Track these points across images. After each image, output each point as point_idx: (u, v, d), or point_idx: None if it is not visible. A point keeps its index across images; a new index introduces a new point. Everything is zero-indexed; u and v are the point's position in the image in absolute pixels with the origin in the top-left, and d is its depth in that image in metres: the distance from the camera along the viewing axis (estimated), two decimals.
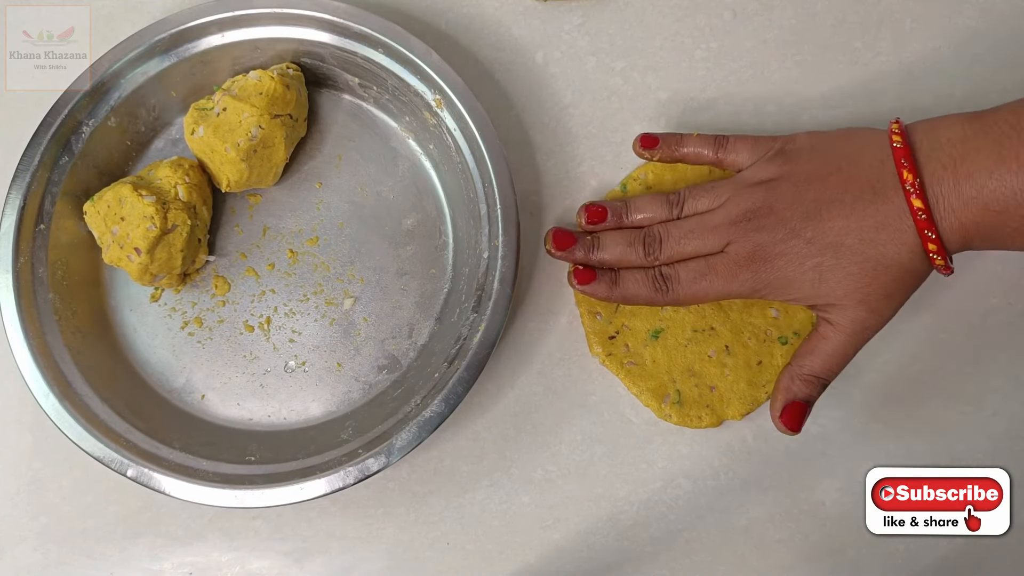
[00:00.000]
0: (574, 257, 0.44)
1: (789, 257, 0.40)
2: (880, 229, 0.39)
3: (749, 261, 0.41)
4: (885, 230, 0.39)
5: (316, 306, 0.47)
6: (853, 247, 0.39)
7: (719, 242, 0.42)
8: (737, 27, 0.50)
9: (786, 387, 0.42)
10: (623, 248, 0.43)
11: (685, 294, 0.42)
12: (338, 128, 0.49)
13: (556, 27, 0.50)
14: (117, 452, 0.41)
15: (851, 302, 0.40)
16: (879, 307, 0.40)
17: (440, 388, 0.42)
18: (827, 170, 0.41)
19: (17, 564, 0.45)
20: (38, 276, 0.44)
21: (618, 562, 0.46)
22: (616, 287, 0.43)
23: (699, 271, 0.42)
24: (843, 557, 0.46)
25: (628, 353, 0.46)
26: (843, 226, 0.39)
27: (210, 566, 0.45)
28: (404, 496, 0.46)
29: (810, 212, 0.40)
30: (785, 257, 0.40)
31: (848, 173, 0.40)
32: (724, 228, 0.41)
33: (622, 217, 0.45)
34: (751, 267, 0.41)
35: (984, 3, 0.50)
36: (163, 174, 0.44)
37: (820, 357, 0.41)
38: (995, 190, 0.37)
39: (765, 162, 0.42)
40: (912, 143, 0.40)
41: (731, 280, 0.41)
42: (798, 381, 0.41)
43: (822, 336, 0.41)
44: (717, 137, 0.44)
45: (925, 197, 0.38)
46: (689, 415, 0.46)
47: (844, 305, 0.40)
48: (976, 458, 0.47)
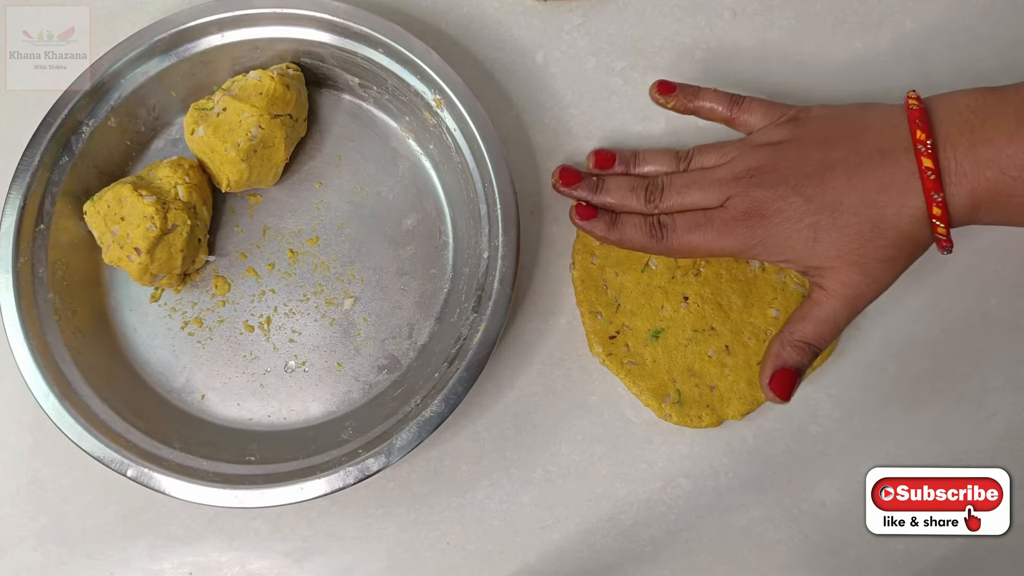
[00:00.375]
0: (578, 194, 0.45)
1: (786, 214, 0.40)
2: (883, 191, 0.38)
3: (746, 216, 0.41)
4: (888, 192, 0.38)
5: (316, 306, 0.47)
6: (852, 207, 0.39)
7: (719, 196, 0.42)
8: (737, 27, 0.50)
9: (776, 353, 0.41)
10: (625, 192, 0.44)
11: (679, 243, 0.42)
12: (338, 128, 0.49)
13: (556, 27, 0.50)
14: (117, 452, 0.41)
15: (844, 264, 0.39)
16: (874, 272, 0.39)
17: (440, 388, 0.42)
18: (837, 134, 0.40)
19: (17, 564, 0.45)
20: (38, 276, 0.44)
21: (618, 562, 0.46)
22: (614, 228, 0.44)
23: (695, 221, 0.42)
24: (843, 557, 0.46)
25: (628, 353, 0.46)
26: (844, 185, 0.39)
27: (210, 566, 0.45)
28: (404, 496, 0.46)
29: (813, 171, 0.40)
30: (782, 214, 0.40)
31: (858, 137, 0.40)
32: (726, 183, 0.42)
33: (629, 165, 0.46)
34: (747, 222, 0.41)
35: (984, 3, 0.50)
36: (163, 174, 0.44)
37: (812, 323, 0.40)
38: (1014, 154, 0.36)
39: (776, 126, 0.43)
40: (928, 107, 0.39)
41: (726, 234, 0.41)
42: (788, 347, 0.41)
43: (815, 302, 0.40)
44: (733, 95, 0.44)
45: (936, 158, 0.38)
46: (689, 415, 0.46)
47: (837, 268, 0.39)
48: (976, 458, 0.47)
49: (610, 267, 0.47)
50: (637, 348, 0.46)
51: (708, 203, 0.42)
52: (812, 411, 0.47)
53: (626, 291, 0.47)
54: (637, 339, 0.46)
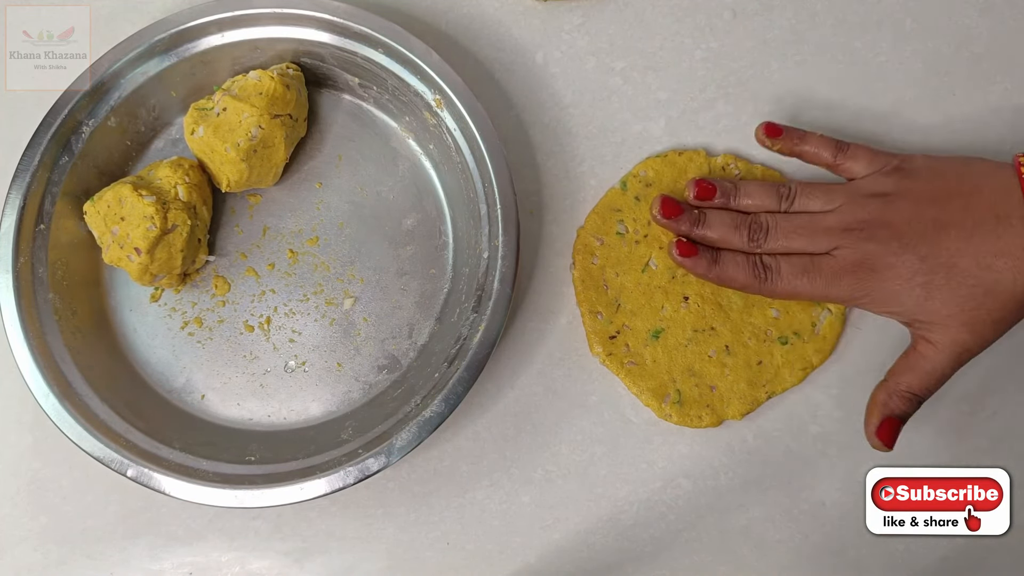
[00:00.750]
0: (678, 228, 0.45)
1: (898, 271, 0.40)
2: (999, 256, 0.39)
3: (855, 268, 0.41)
4: (1004, 257, 0.39)
5: (316, 306, 0.47)
6: (967, 270, 0.39)
7: (827, 245, 0.42)
8: (737, 27, 0.50)
9: (883, 403, 0.42)
10: (728, 229, 0.44)
11: (783, 288, 0.43)
12: (338, 128, 0.49)
13: (556, 27, 0.50)
14: (117, 452, 0.41)
15: (955, 323, 0.40)
16: (983, 332, 0.40)
17: (440, 388, 0.42)
18: (947, 193, 0.41)
19: (17, 564, 0.45)
20: (38, 276, 0.44)
21: (618, 562, 0.46)
22: (715, 266, 0.43)
23: (803, 267, 0.42)
24: (843, 557, 0.46)
25: (628, 353, 0.46)
26: (960, 248, 0.40)
27: (210, 566, 0.45)
28: (404, 496, 0.46)
29: (927, 230, 0.40)
30: (894, 270, 0.40)
31: (970, 199, 0.41)
32: (836, 232, 0.42)
33: (729, 198, 0.45)
34: (856, 274, 0.41)
35: (984, 3, 0.50)
36: (163, 174, 0.44)
37: (919, 375, 0.41)
38: None
39: (882, 175, 0.43)
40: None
41: (832, 283, 0.42)
42: (895, 398, 0.41)
43: (921, 354, 0.41)
44: (839, 142, 0.44)
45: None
46: (689, 415, 0.46)
47: (947, 325, 0.40)
48: (976, 458, 0.47)
49: (610, 267, 0.47)
50: (637, 348, 0.46)
51: (814, 250, 0.42)
52: (812, 411, 0.47)
53: (626, 291, 0.47)
54: (637, 339, 0.46)
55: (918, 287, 0.40)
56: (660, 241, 0.47)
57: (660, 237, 0.47)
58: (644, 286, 0.47)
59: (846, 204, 0.43)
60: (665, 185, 0.48)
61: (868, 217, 0.41)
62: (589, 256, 0.47)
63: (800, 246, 0.43)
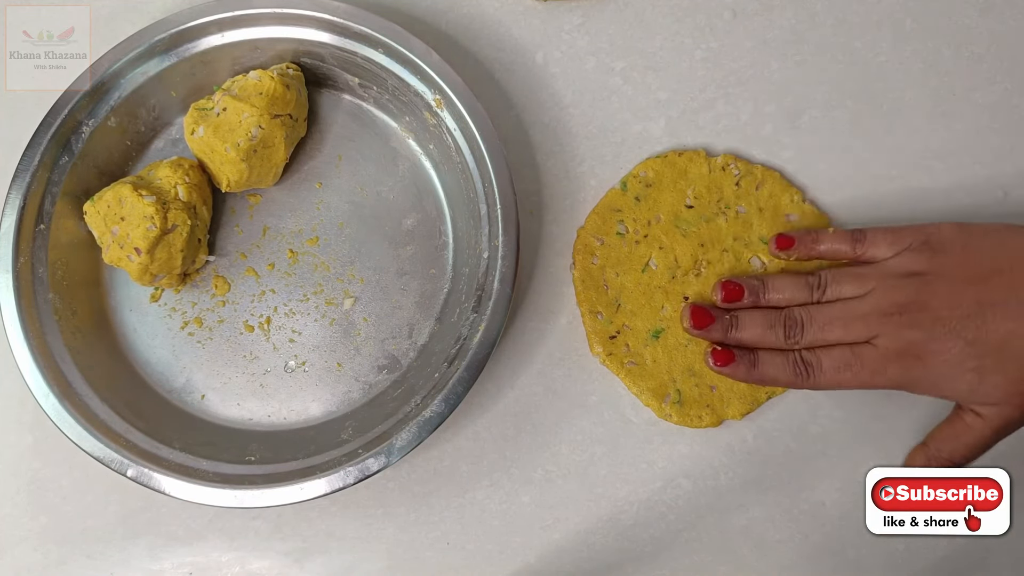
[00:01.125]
0: (712, 336, 0.44)
1: (945, 357, 0.40)
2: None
3: (899, 356, 0.40)
4: None
5: (316, 306, 0.47)
6: (1019, 352, 0.39)
7: (865, 333, 0.41)
8: (737, 27, 0.50)
9: (922, 467, 0.42)
10: (763, 330, 0.43)
11: (827, 382, 0.42)
12: (338, 128, 0.49)
13: (556, 27, 0.50)
14: (117, 452, 0.41)
15: (1009, 404, 0.40)
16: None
17: (440, 388, 0.42)
18: (986, 270, 0.40)
19: (17, 564, 0.45)
20: (38, 276, 0.44)
21: (618, 562, 0.46)
22: (755, 369, 0.43)
23: (844, 360, 0.41)
24: (843, 557, 0.46)
25: (628, 353, 0.46)
26: (1011, 329, 0.39)
27: (210, 566, 0.45)
28: (404, 496, 0.46)
29: (972, 313, 0.39)
30: (940, 356, 0.40)
31: (1012, 275, 0.40)
32: (873, 319, 0.41)
33: (759, 296, 0.44)
34: (901, 362, 0.40)
35: (984, 3, 0.50)
36: (163, 174, 0.44)
37: (962, 446, 0.41)
38: None
39: (912, 253, 0.42)
40: None
41: (877, 373, 0.41)
42: (934, 463, 0.42)
43: (968, 426, 0.41)
44: (854, 232, 0.44)
45: None
46: (689, 415, 0.46)
47: (1000, 404, 0.40)
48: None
49: (610, 267, 0.47)
50: (637, 348, 0.46)
51: (852, 339, 0.41)
52: (812, 411, 0.47)
53: (626, 291, 0.47)
54: (637, 339, 0.46)
55: (969, 372, 0.39)
56: (660, 241, 0.47)
57: (660, 237, 0.47)
58: (644, 286, 0.47)
59: (878, 287, 0.41)
60: (665, 187, 0.48)
61: (905, 300, 0.40)
62: (589, 256, 0.47)
63: (838, 337, 0.42)
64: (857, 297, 0.42)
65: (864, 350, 0.41)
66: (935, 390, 0.41)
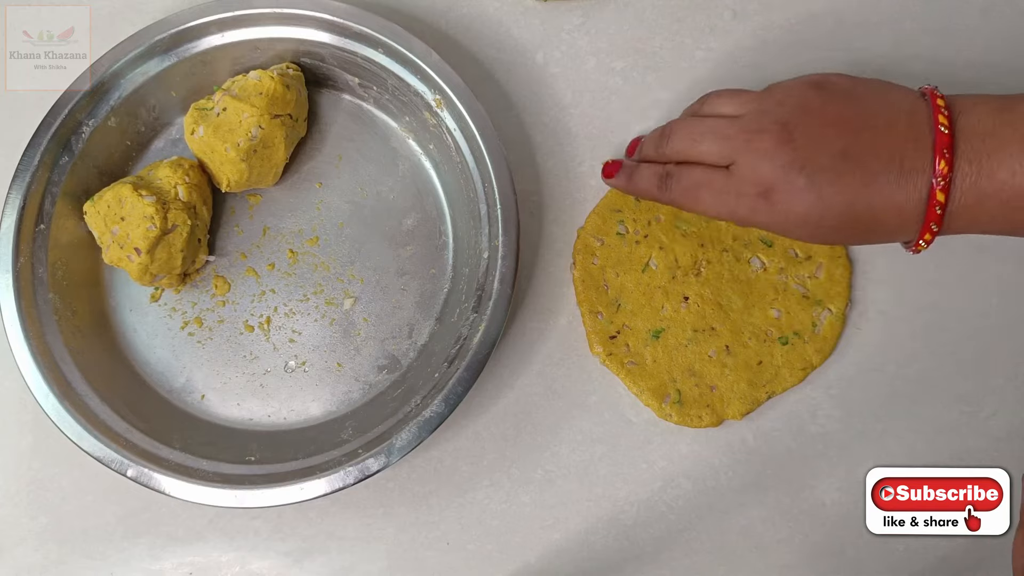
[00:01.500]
0: (618, 183, 0.46)
1: (792, 196, 0.38)
2: (890, 211, 0.37)
3: (750, 186, 0.39)
4: (893, 213, 0.37)
5: (316, 306, 0.47)
6: (859, 212, 0.38)
7: (727, 152, 0.40)
8: (737, 27, 0.50)
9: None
10: (646, 143, 0.45)
11: (683, 198, 0.41)
12: (338, 128, 0.49)
13: (556, 27, 0.50)
14: (117, 452, 0.41)
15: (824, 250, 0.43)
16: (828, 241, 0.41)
17: (440, 388, 0.42)
18: (860, 123, 0.38)
19: (17, 564, 0.45)
20: (38, 276, 0.44)
21: (618, 562, 0.46)
22: (631, 180, 0.44)
23: (700, 180, 0.40)
24: (843, 557, 0.46)
25: (628, 353, 0.46)
26: (857, 191, 0.37)
27: (210, 566, 0.45)
28: (404, 496, 0.46)
29: (829, 166, 0.38)
30: (788, 195, 0.38)
31: (880, 135, 0.38)
32: (737, 142, 0.39)
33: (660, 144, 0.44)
34: (753, 199, 0.39)
35: (984, 3, 0.50)
36: (163, 174, 0.44)
37: None
38: (1018, 186, 0.36)
39: (803, 84, 0.40)
40: (952, 126, 0.37)
41: (728, 203, 0.39)
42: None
43: None
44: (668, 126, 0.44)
45: (948, 192, 0.37)
46: (689, 415, 0.46)
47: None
48: (976, 458, 0.47)
49: (611, 267, 0.47)
50: (637, 348, 0.46)
51: (715, 160, 0.40)
52: (812, 411, 0.47)
53: (626, 291, 0.47)
54: (637, 339, 0.46)
55: (810, 226, 0.38)
56: (660, 241, 0.47)
57: (660, 237, 0.47)
58: (644, 286, 0.47)
59: (753, 112, 0.40)
60: None
61: (772, 128, 0.38)
62: (589, 256, 0.47)
63: (702, 152, 0.40)
64: (732, 116, 0.41)
65: (717, 175, 0.40)
66: (775, 228, 0.39)
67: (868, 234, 0.39)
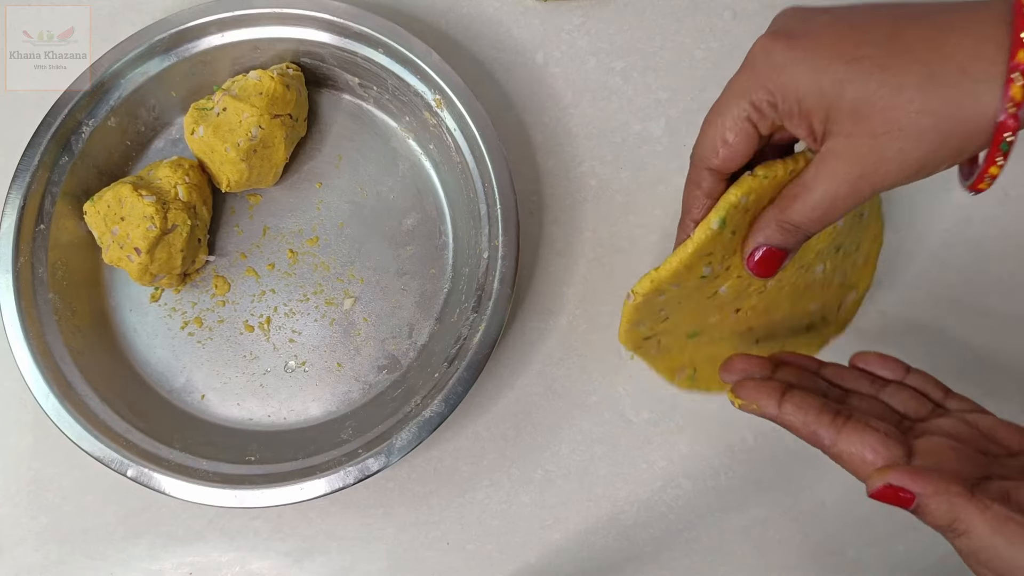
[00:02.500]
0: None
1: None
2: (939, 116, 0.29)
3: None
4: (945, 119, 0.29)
5: (316, 306, 0.47)
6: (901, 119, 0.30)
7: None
8: (737, 27, 0.50)
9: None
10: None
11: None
12: (338, 128, 0.49)
13: (556, 27, 0.50)
14: (117, 452, 0.41)
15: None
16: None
17: (440, 388, 0.42)
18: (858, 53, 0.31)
19: (17, 564, 0.45)
20: (38, 276, 0.44)
21: (618, 562, 0.46)
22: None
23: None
24: (843, 557, 0.46)
25: (659, 347, 0.41)
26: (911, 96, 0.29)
27: (210, 566, 0.45)
28: (404, 496, 0.46)
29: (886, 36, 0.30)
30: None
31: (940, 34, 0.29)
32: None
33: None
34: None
35: None
36: (163, 174, 0.44)
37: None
38: None
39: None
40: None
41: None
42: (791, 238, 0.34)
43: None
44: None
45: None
46: (701, 384, 0.43)
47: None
48: None
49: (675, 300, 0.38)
50: (668, 343, 0.41)
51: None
52: None
53: (682, 309, 0.39)
54: (672, 338, 0.41)
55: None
56: (739, 270, 0.38)
57: (740, 266, 0.37)
58: (703, 306, 0.40)
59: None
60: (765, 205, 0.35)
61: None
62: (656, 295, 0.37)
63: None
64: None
65: None
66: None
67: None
